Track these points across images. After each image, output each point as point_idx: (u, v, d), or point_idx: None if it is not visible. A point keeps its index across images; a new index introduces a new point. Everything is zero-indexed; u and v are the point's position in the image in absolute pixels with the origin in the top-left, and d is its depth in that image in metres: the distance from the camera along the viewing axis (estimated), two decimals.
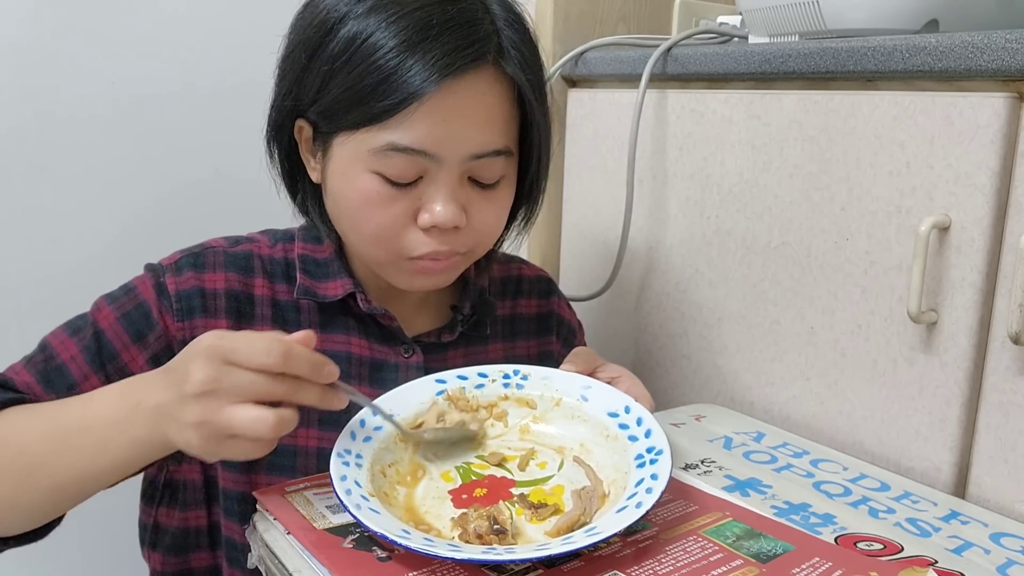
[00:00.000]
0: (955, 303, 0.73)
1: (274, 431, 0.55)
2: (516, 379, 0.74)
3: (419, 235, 0.71)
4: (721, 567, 0.55)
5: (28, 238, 1.11)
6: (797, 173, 0.85)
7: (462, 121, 0.69)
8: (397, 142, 0.67)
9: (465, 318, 0.82)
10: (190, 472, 0.75)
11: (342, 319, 0.78)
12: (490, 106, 0.70)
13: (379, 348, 0.78)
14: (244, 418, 0.55)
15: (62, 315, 0.75)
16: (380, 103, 0.67)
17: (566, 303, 0.94)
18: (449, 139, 0.68)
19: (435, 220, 0.70)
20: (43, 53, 1.09)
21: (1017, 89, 0.69)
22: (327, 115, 0.70)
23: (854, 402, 0.82)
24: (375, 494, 0.60)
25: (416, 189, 0.70)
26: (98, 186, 1.15)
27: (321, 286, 0.77)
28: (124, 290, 0.75)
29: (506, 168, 0.74)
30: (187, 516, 0.76)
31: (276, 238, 0.80)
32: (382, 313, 0.77)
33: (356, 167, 0.70)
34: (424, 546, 0.53)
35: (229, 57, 1.20)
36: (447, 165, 0.69)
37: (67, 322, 0.74)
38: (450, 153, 0.69)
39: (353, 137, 0.69)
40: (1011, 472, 0.72)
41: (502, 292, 0.89)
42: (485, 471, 0.67)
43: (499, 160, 0.72)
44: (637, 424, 0.67)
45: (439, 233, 0.71)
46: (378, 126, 0.68)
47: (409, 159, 0.68)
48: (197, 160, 1.21)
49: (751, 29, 0.97)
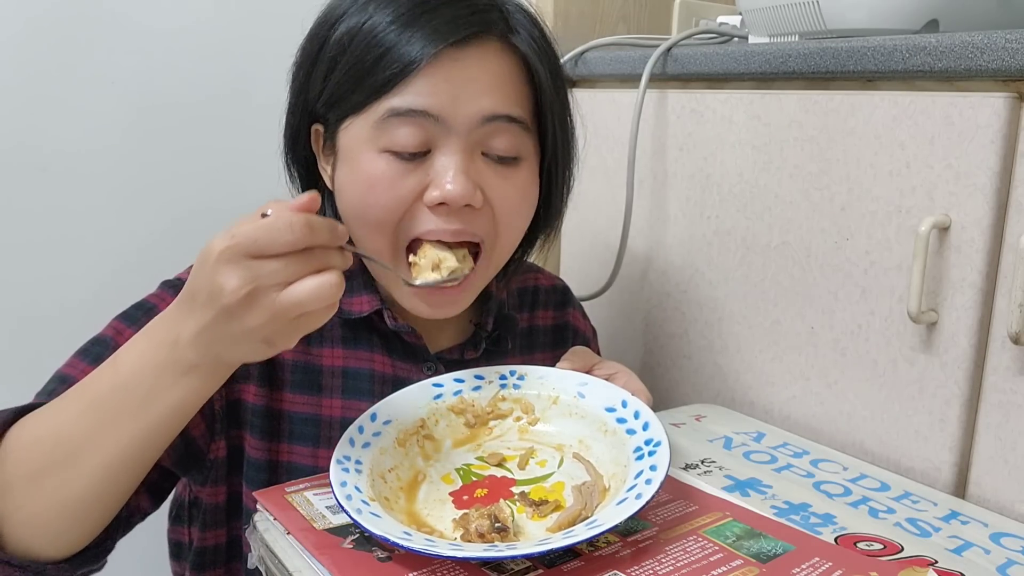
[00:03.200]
0: (955, 303, 0.73)
1: (339, 287, 0.53)
2: (513, 379, 0.74)
3: (425, 213, 0.67)
4: (721, 567, 0.55)
5: (28, 238, 1.11)
6: (797, 173, 0.85)
7: (468, 82, 0.66)
8: (399, 106, 0.65)
9: (488, 334, 0.80)
10: (214, 495, 0.73)
11: (366, 335, 0.75)
12: (498, 74, 0.68)
13: (402, 365, 0.76)
14: (307, 291, 0.52)
15: (62, 314, 0.75)
16: (381, 75, 0.65)
17: (581, 312, 0.93)
18: (454, 99, 0.66)
19: (444, 194, 0.66)
20: (43, 53, 1.09)
21: (1017, 89, 0.69)
22: (333, 102, 0.69)
23: (854, 402, 0.82)
24: (375, 499, 0.60)
25: (425, 164, 0.67)
26: (98, 186, 1.15)
27: (346, 301, 0.74)
28: (143, 310, 0.71)
29: (524, 144, 0.70)
30: (206, 536, 0.74)
31: None
32: (408, 331, 0.75)
33: (362, 150, 0.68)
34: (425, 546, 0.53)
35: (232, 57, 1.20)
36: (455, 131, 0.66)
37: (82, 349, 0.70)
38: (457, 114, 0.66)
39: (358, 119, 0.68)
40: (1011, 472, 0.72)
41: (519, 304, 0.87)
42: (485, 471, 0.67)
43: (515, 129, 0.69)
44: (635, 417, 0.67)
45: (448, 212, 0.67)
46: (381, 99, 0.66)
47: (413, 124, 0.66)
48: (198, 160, 1.21)
49: (751, 29, 0.97)
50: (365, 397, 0.71)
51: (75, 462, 0.57)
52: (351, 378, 0.74)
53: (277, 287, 0.52)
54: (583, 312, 0.94)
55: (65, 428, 0.58)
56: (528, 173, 0.72)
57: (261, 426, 0.72)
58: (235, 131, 1.21)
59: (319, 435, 0.73)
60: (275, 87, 0.77)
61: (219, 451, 0.71)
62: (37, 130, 1.10)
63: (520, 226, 0.74)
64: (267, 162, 1.23)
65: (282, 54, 0.75)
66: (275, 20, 1.20)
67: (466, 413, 0.71)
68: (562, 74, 0.75)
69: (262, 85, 1.19)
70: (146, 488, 0.69)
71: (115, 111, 1.14)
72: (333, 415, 0.73)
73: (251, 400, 0.71)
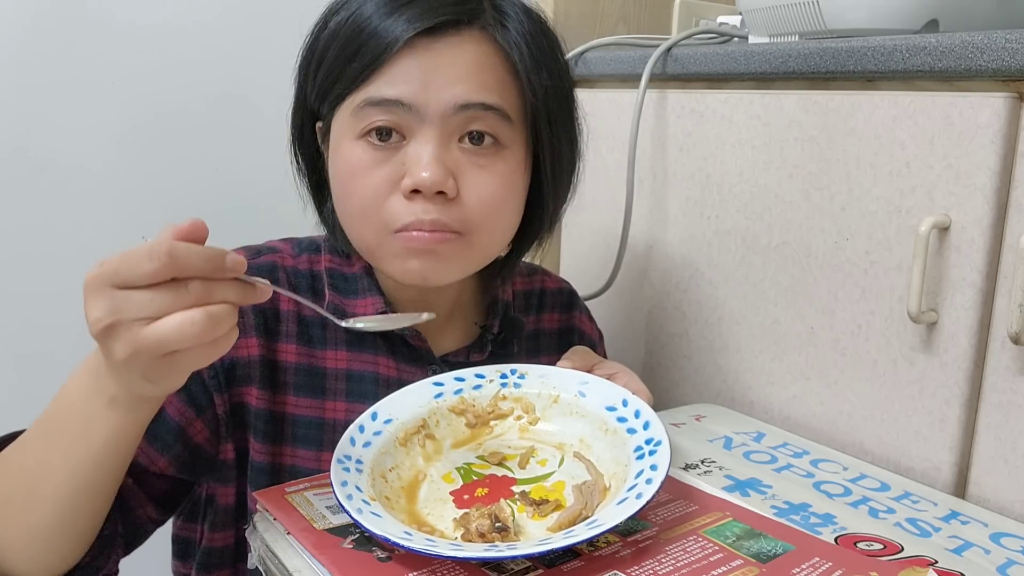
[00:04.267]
0: (955, 303, 0.73)
1: (210, 325, 0.49)
2: (513, 378, 0.74)
3: (402, 203, 0.67)
4: (721, 567, 0.55)
5: (26, 239, 1.11)
6: (797, 173, 0.85)
7: (440, 70, 0.66)
8: (373, 95, 0.66)
9: (494, 337, 0.80)
10: (224, 495, 0.73)
11: (370, 338, 0.75)
12: (475, 63, 0.68)
13: (406, 368, 0.76)
14: (168, 329, 0.48)
15: (61, 314, 0.75)
16: (358, 64, 0.66)
17: (587, 315, 0.93)
18: (425, 88, 0.66)
19: (416, 181, 0.66)
20: (44, 52, 1.09)
21: (1017, 89, 0.69)
22: (323, 94, 0.70)
23: (854, 402, 0.82)
24: (376, 498, 0.60)
25: (399, 153, 0.68)
26: (97, 188, 1.15)
27: (350, 303, 0.74)
28: None
29: (503, 133, 0.69)
30: (214, 536, 0.74)
31: (300, 248, 0.77)
32: (413, 333, 0.75)
33: (345, 139, 0.69)
34: (426, 546, 0.53)
35: (232, 59, 1.20)
36: (428, 119, 0.66)
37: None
38: (429, 102, 0.66)
39: (341, 109, 0.69)
40: (1011, 472, 0.72)
41: (525, 307, 0.87)
42: (486, 471, 0.67)
43: (491, 117, 0.68)
44: (635, 416, 0.67)
45: (423, 200, 0.67)
46: (358, 90, 0.67)
47: (386, 112, 0.66)
48: (197, 162, 1.21)
49: (751, 29, 0.97)
50: (369, 400, 0.71)
51: (33, 488, 0.57)
52: (355, 381, 0.74)
53: (141, 321, 0.48)
54: (589, 315, 0.94)
55: (26, 456, 0.58)
56: (511, 163, 0.71)
57: (264, 429, 0.71)
58: (234, 133, 1.21)
59: (323, 438, 0.73)
60: (274, 89, 0.77)
61: (228, 453, 0.71)
62: (35, 131, 1.10)
63: (505, 218, 0.72)
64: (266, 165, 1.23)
65: (282, 56, 0.75)
66: (275, 22, 1.20)
67: (467, 413, 0.71)
68: (562, 70, 0.74)
69: (261, 87, 1.19)
70: (151, 499, 0.70)
71: (114, 113, 1.14)
72: (337, 418, 0.73)
73: (254, 404, 0.71)
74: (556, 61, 0.73)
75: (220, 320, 0.50)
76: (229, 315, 0.50)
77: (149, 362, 0.50)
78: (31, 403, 0.66)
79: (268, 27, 1.20)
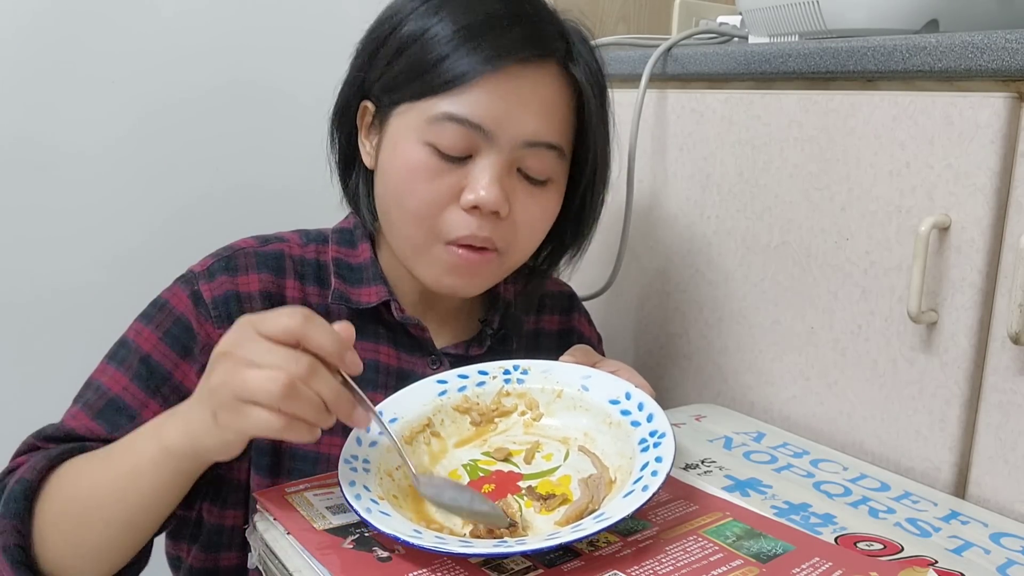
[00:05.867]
0: (955, 303, 0.73)
1: (288, 393, 0.52)
2: (516, 374, 0.74)
3: (460, 215, 0.71)
4: (721, 567, 0.55)
5: (27, 237, 1.11)
6: (797, 173, 0.85)
7: (520, 105, 0.70)
8: (455, 112, 0.69)
9: (494, 332, 0.82)
10: (238, 472, 0.74)
11: (372, 327, 0.77)
12: (550, 101, 0.71)
13: (407, 358, 0.78)
14: (255, 375, 0.53)
15: (60, 314, 0.75)
16: (443, 75, 0.68)
17: (586, 318, 0.95)
18: (505, 119, 0.69)
19: (478, 199, 0.69)
20: (44, 52, 1.09)
21: (1017, 89, 0.69)
22: (390, 87, 0.72)
23: (854, 402, 0.82)
24: (384, 497, 0.60)
25: (464, 167, 0.70)
26: (97, 185, 1.15)
27: (355, 292, 0.76)
28: (157, 307, 0.73)
29: (556, 169, 0.74)
30: (224, 515, 0.74)
31: (308, 238, 0.79)
32: (414, 323, 0.77)
33: (410, 138, 0.70)
34: (436, 544, 0.53)
35: (232, 56, 1.20)
36: (498, 146, 0.70)
37: (109, 354, 0.72)
38: (504, 133, 0.70)
39: (412, 108, 0.70)
40: (1011, 472, 0.72)
41: (526, 308, 0.88)
42: (492, 467, 0.67)
43: (551, 156, 0.72)
44: (639, 409, 0.67)
45: (480, 216, 0.70)
46: (438, 97, 0.69)
47: (463, 131, 0.69)
48: (198, 158, 1.21)
49: (751, 29, 0.97)
50: (370, 388, 0.72)
51: (83, 512, 0.62)
52: None
53: (247, 361, 0.53)
54: (589, 318, 0.95)
55: (81, 480, 0.63)
56: (554, 195, 0.76)
57: None
58: (235, 130, 1.21)
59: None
60: (275, 85, 0.77)
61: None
62: (35, 129, 1.10)
63: (536, 240, 0.77)
64: (267, 161, 1.23)
65: (282, 52, 0.75)
66: (277, 19, 1.20)
67: (471, 412, 0.72)
68: (609, 105, 0.78)
69: (262, 83, 1.19)
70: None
71: (114, 110, 1.14)
72: None
73: None
74: (606, 94, 0.77)
75: (300, 396, 0.53)
76: (311, 401, 0.54)
77: (227, 400, 0.54)
78: (32, 395, 0.66)
79: (270, 25, 1.20)
